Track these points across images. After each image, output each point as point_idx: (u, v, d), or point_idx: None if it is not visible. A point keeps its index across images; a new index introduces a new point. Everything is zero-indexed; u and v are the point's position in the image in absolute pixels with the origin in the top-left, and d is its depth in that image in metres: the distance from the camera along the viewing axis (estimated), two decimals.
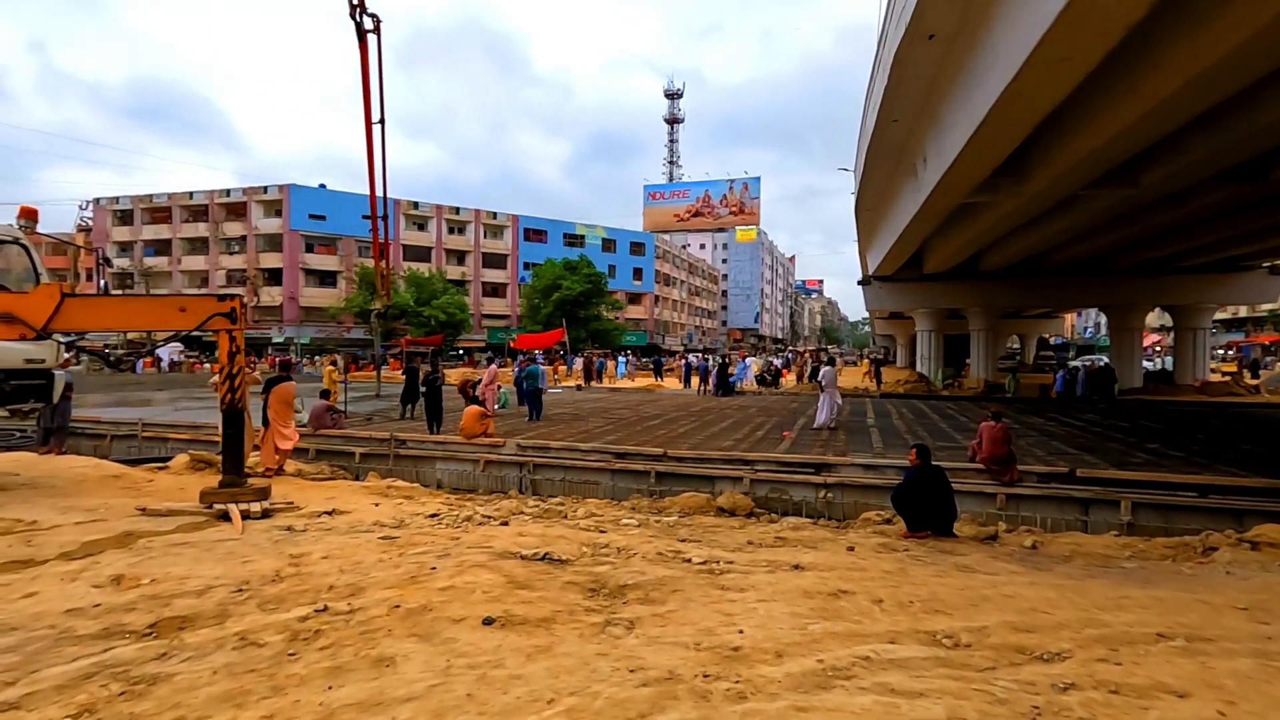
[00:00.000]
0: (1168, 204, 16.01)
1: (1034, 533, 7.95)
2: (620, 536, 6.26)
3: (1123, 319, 28.73)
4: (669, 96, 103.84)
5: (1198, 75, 8.16)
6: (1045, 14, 7.31)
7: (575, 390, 28.27)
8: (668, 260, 77.21)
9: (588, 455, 11.37)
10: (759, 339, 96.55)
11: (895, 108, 13.29)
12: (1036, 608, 4.71)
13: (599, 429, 14.20)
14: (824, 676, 3.29)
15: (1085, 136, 11.00)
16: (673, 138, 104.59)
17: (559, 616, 3.98)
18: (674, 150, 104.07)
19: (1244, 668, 3.62)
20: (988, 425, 9.46)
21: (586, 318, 49.50)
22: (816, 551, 6.10)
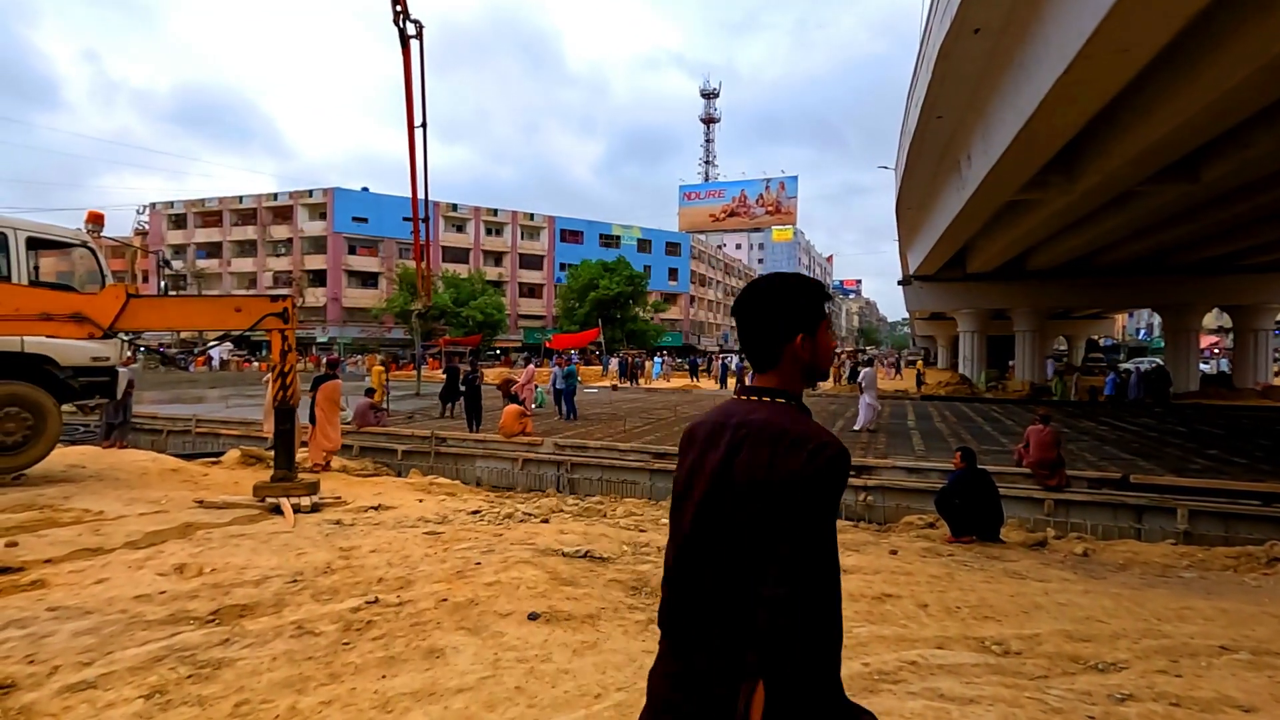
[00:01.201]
0: (1230, 199, 15.38)
1: (1085, 540, 7.71)
2: (660, 536, 6.27)
3: (1178, 319, 27.62)
4: (705, 96, 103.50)
5: (1267, 63, 7.82)
6: (1101, 3, 7.09)
7: (611, 390, 28.38)
8: (703, 260, 76.97)
9: (626, 455, 11.41)
10: None
11: (939, 103, 13.03)
12: (1092, 616, 4.58)
13: (637, 429, 14.24)
14: (871, 680, 3.26)
15: (1142, 130, 10.63)
16: (708, 137, 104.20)
17: (604, 613, 4.02)
18: (709, 150, 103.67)
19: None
20: (1035, 429, 9.20)
21: (624, 318, 49.65)
22: (859, 554, 6.03)
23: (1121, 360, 43.12)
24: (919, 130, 14.58)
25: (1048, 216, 17.12)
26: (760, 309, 1.41)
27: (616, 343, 46.19)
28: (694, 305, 73.92)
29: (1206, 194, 14.76)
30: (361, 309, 53.85)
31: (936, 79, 11.80)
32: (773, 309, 1.40)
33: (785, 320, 1.38)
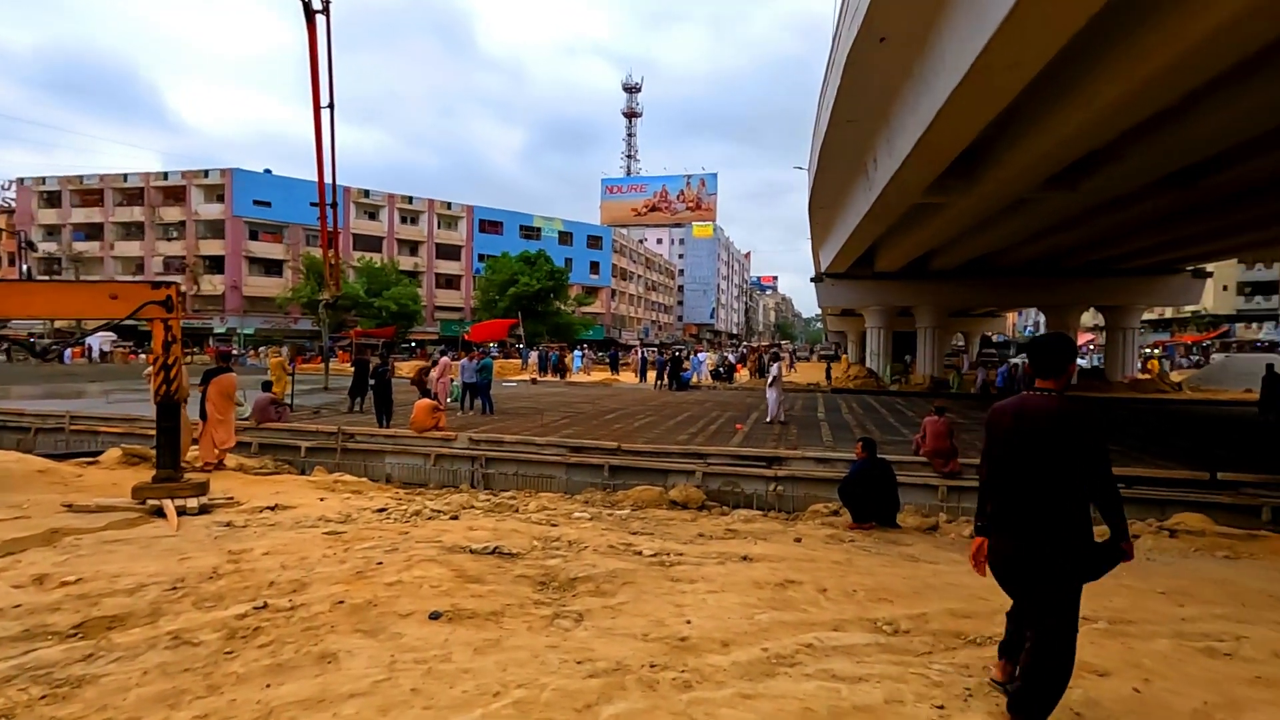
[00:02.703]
0: (1109, 209, 16.74)
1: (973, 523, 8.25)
2: (572, 530, 6.25)
3: (1061, 318, 29.99)
4: (627, 90, 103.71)
5: (1135, 86, 8.55)
6: (990, 22, 7.54)
7: (531, 384, 28.05)
8: (625, 255, 77.16)
9: (543, 449, 11.29)
10: (715, 334, 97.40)
11: (849, 108, 13.53)
12: (976, 594, 4.88)
13: (556, 423, 14.13)
14: (770, 664, 3.36)
15: (1031, 141, 11.41)
16: (630, 132, 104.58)
17: (509, 610, 3.96)
18: (632, 144, 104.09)
19: (1162, 648, 3.84)
20: (931, 420, 9.75)
21: (545, 313, 49.13)
22: (766, 543, 6.21)
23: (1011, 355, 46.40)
24: (830, 133, 15.09)
25: (949, 220, 18.14)
26: (1057, 348, 2.85)
27: (538, 336, 45.67)
28: (616, 299, 74.07)
29: (1089, 203, 16.02)
30: (265, 298, 50.86)
31: (845, 85, 12.23)
32: (1064, 349, 2.85)
33: (1068, 357, 2.83)
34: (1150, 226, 19.08)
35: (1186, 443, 12.56)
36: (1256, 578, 5.56)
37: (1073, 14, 7.14)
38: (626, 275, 77.57)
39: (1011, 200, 15.64)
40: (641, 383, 29.23)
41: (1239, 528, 7.67)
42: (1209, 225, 18.30)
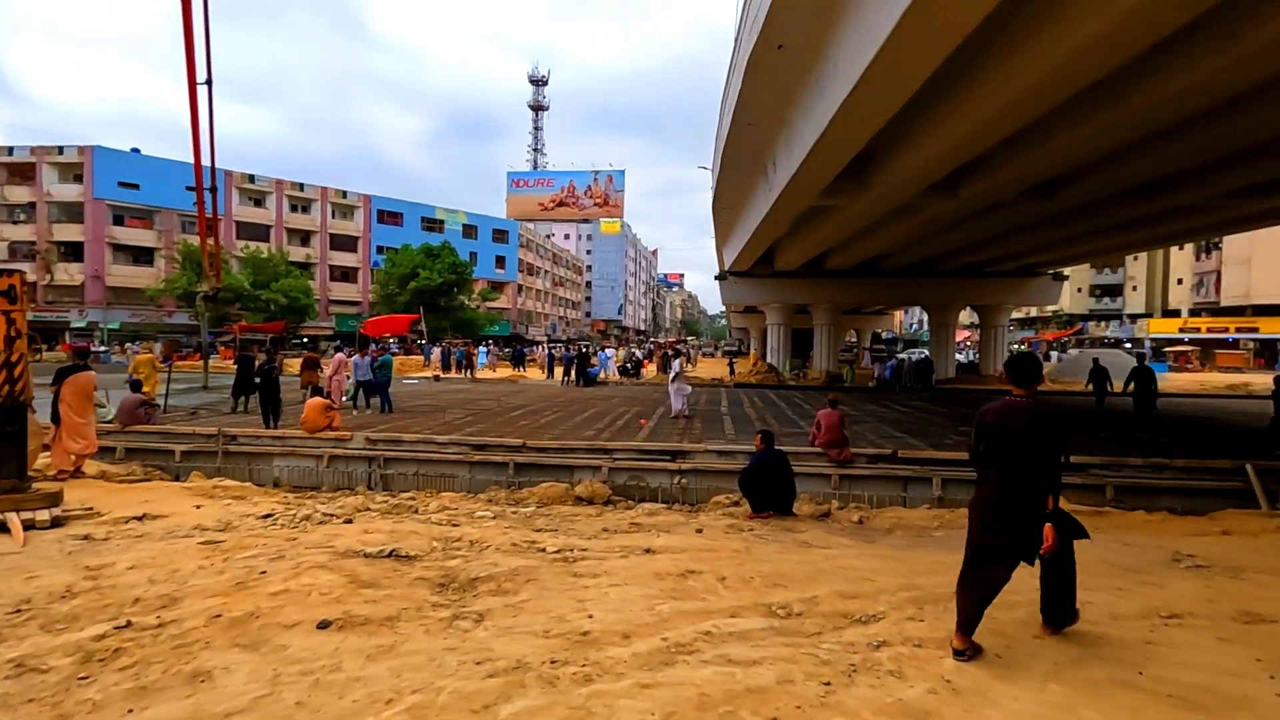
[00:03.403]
0: (983, 215, 18.15)
1: (862, 509, 8.75)
2: (474, 529, 6.12)
3: (941, 316, 32.28)
4: (534, 83, 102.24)
5: (1006, 102, 9.31)
6: (878, 34, 7.98)
7: (433, 381, 27.18)
8: (532, 249, 76.14)
9: (445, 448, 10.98)
10: (622, 330, 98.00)
11: (749, 111, 13.95)
12: (863, 576, 5.19)
13: (459, 420, 13.76)
14: (669, 653, 3.43)
15: (915, 150, 12.20)
16: (537, 125, 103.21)
17: (405, 614, 3.83)
18: (538, 138, 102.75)
19: (1023, 617, 4.21)
20: (825, 412, 10.25)
21: (449, 307, 47.65)
22: (669, 535, 6.32)
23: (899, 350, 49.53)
24: (731, 135, 15.52)
25: (843, 222, 19.09)
26: (1031, 367, 3.73)
27: (441, 332, 44.27)
28: (522, 294, 72.99)
29: (963, 210, 17.32)
30: (133, 289, 46.43)
31: (746, 89, 12.61)
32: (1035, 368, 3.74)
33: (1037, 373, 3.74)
34: (1017, 232, 20.87)
35: None
36: (1100, 548, 6.20)
37: (950, 33, 7.67)
38: (533, 270, 76.59)
39: (898, 205, 16.63)
40: (549, 379, 28.98)
41: (1087, 505, 8.53)
42: (1065, 232, 20.22)
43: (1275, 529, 7.23)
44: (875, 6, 7.92)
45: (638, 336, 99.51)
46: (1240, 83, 8.85)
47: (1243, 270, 47.15)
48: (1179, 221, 18.83)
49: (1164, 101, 9.29)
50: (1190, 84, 8.58)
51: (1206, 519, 7.97)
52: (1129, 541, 6.41)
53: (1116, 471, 9.38)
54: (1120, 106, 9.56)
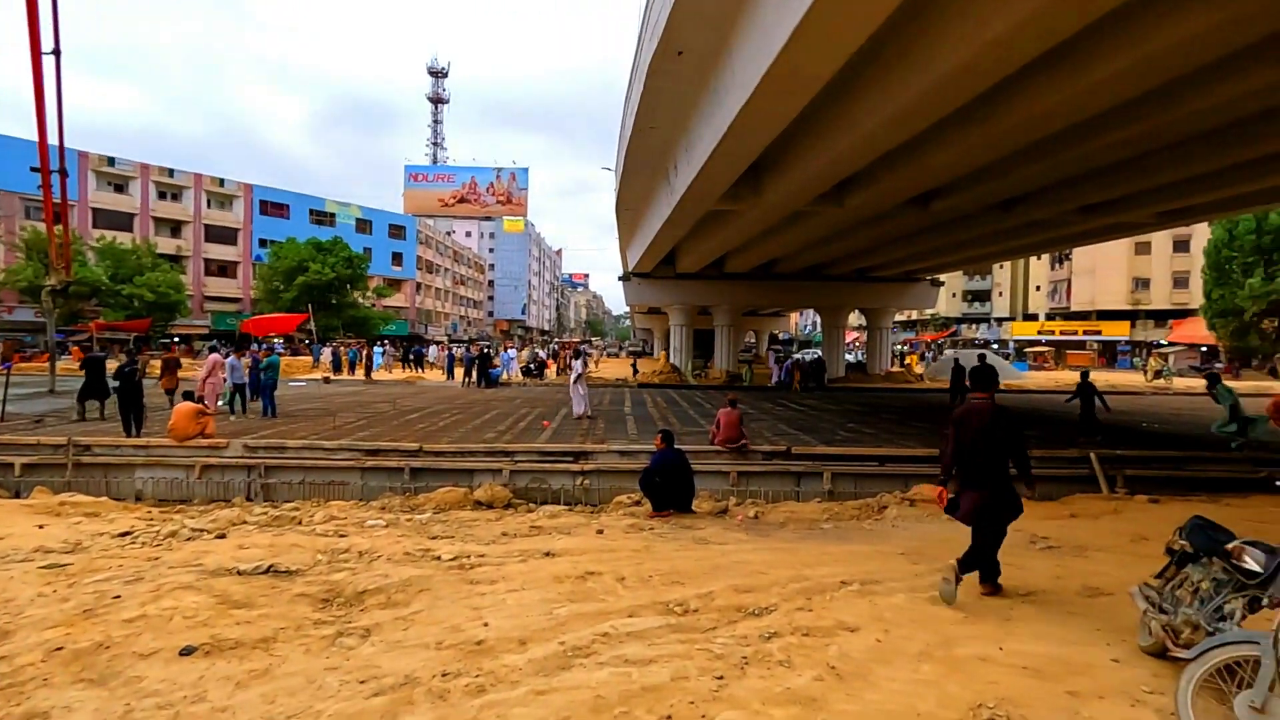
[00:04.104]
0: (868, 224, 19.24)
1: (758, 504, 9.05)
2: (364, 539, 5.82)
3: (833, 319, 34.00)
4: (433, 74, 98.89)
5: (886, 119, 9.90)
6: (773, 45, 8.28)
7: (323, 383, 25.70)
8: (431, 246, 73.53)
9: (334, 454, 10.41)
10: (526, 330, 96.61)
11: (651, 115, 14.12)
12: (757, 570, 5.36)
13: (350, 425, 13.08)
14: (565, 657, 3.40)
15: (806, 160, 12.76)
16: (437, 118, 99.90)
17: (282, 634, 3.58)
18: (438, 131, 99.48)
19: (900, 602, 4.50)
20: (725, 411, 10.55)
21: (341, 305, 45.12)
22: (570, 537, 6.28)
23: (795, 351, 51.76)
24: (634, 138, 15.64)
25: (740, 226, 19.69)
26: (990, 375, 4.90)
27: (332, 331, 41.93)
28: (421, 293, 70.39)
29: (850, 218, 18.29)
30: None
31: (648, 93, 12.74)
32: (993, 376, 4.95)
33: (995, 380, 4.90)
34: (898, 241, 22.30)
35: (926, 425, 14.86)
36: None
37: (838, 50, 8.09)
38: (433, 268, 74.03)
39: (791, 212, 17.36)
40: (449, 380, 28.11)
41: None
42: (940, 241, 21.81)
43: (1113, 510, 8.11)
44: (771, 20, 8.21)
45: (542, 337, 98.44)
46: (1082, 111, 9.85)
47: (1089, 279, 52.71)
48: (1036, 234, 20.76)
49: (1020, 126, 10.21)
50: (1041, 111, 9.48)
51: (1058, 503, 8.81)
52: None
53: None
54: (983, 129, 10.42)
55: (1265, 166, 12.89)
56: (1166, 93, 9.30)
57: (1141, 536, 6.30)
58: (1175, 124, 10.55)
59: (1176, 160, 12.57)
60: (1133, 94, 9.18)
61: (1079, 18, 7.01)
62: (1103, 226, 19.46)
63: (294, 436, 11.27)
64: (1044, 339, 54.45)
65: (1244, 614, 3.13)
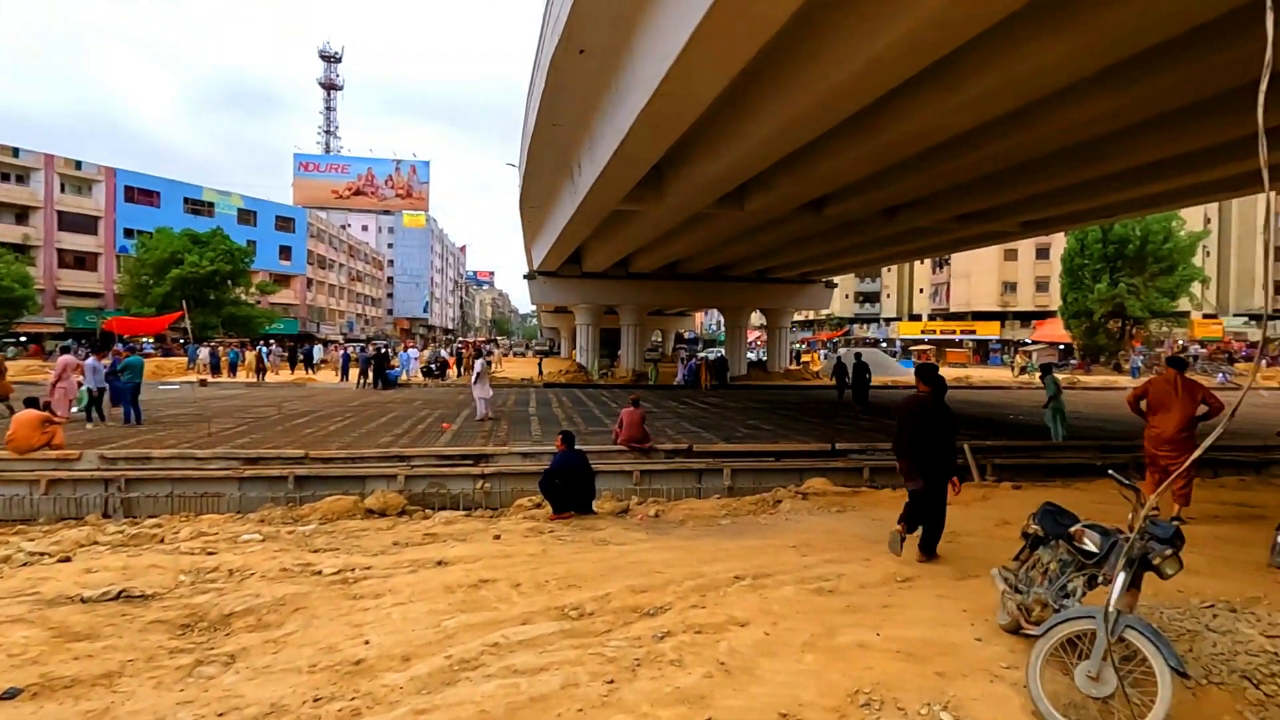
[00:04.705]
0: (767, 227, 19.89)
1: (659, 503, 9.14)
2: (236, 556, 5.40)
3: (735, 319, 34.97)
4: (325, 59, 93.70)
5: (780, 126, 10.25)
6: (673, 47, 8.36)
7: (199, 386, 23.78)
8: (324, 240, 69.59)
9: (207, 463, 9.61)
10: (428, 329, 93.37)
11: (554, 112, 13.95)
12: (654, 569, 5.39)
13: (228, 431, 12.16)
14: (451, 672, 3.27)
15: (706, 163, 13.01)
16: (330, 105, 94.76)
17: (130, 667, 3.25)
18: (331, 119, 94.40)
19: (788, 594, 4.65)
20: (628, 411, 10.59)
21: (220, 301, 41.78)
22: (465, 544, 6.09)
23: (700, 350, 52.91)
24: (537, 134, 15.41)
25: (645, 227, 19.85)
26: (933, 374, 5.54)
27: (210, 330, 38.83)
28: (313, 289, 66.52)
29: (750, 221, 18.85)
30: None
31: (549, 89, 12.58)
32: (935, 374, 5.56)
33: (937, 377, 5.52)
34: (795, 244, 23.22)
35: (820, 421, 15.54)
36: (855, 525, 7.09)
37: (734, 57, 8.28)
38: (326, 263, 70.10)
39: (694, 214, 17.67)
40: (343, 382, 26.72)
41: (849, 486, 9.72)
42: (833, 245, 22.90)
43: (983, 497, 8.76)
44: (669, 22, 8.29)
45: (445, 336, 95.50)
46: (956, 127, 10.59)
47: (965, 283, 57.04)
48: (918, 240, 22.20)
49: (902, 138, 10.85)
50: (920, 125, 10.12)
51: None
52: (876, 517, 7.37)
53: (870, 456, 10.78)
54: (869, 139, 11.01)
55: (1108, 184, 14.36)
56: (1028, 113, 10.15)
57: (1005, 521, 6.84)
58: (1035, 142, 11.54)
59: (1036, 175, 13.77)
60: (998, 113, 9.96)
61: (948, 40, 7.54)
62: (976, 234, 21.06)
63: (161, 445, 10.37)
64: (926, 338, 58.38)
65: (1084, 591, 3.44)
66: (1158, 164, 12.84)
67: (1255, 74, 2.59)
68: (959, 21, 7.08)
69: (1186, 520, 6.75)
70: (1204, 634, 3.64)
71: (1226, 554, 5.69)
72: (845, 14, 7.65)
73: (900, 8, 6.85)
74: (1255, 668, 3.27)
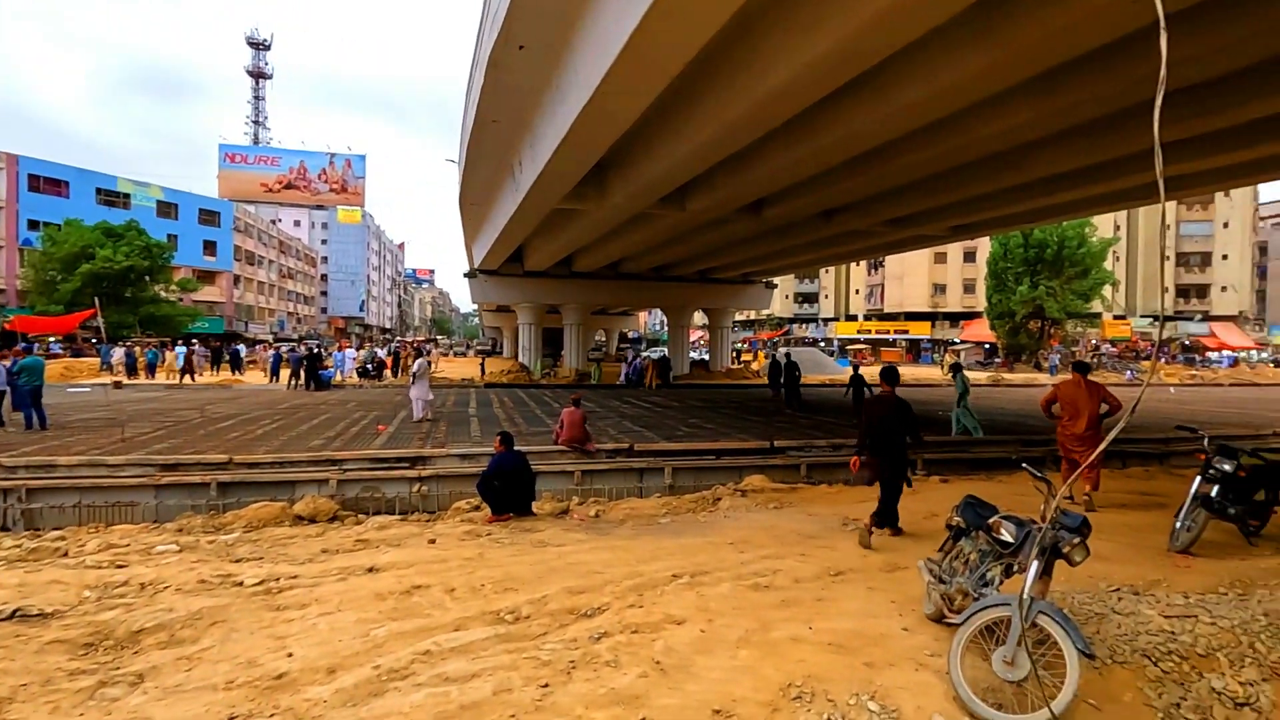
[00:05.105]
0: (709, 227, 20.10)
1: (600, 502, 9.12)
2: (149, 569, 5.09)
3: (678, 318, 35.24)
4: (253, 46, 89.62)
5: (719, 130, 10.36)
6: (612, 47, 8.34)
7: (112, 388, 22.37)
8: (252, 235, 66.50)
9: (119, 470, 9.05)
10: (365, 328, 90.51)
11: (494, 109, 13.73)
12: (593, 570, 5.36)
13: (145, 436, 11.48)
14: (379, 682, 3.17)
15: (648, 163, 13.04)
16: (258, 94, 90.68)
17: (23, 692, 3.01)
18: (259, 109, 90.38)
19: (725, 591, 4.70)
20: (569, 411, 10.52)
21: (138, 299, 39.35)
22: (399, 549, 5.92)
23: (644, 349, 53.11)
24: (476, 130, 15.13)
25: (588, 226, 19.75)
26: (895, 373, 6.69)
27: (126, 329, 36.61)
28: (241, 286, 63.53)
29: (692, 221, 19.01)
30: None
31: (489, 85, 12.36)
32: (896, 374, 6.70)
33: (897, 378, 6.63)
34: (736, 245, 23.57)
35: (760, 419, 15.81)
36: (792, 521, 7.24)
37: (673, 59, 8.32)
38: (255, 259, 67.00)
39: (636, 213, 17.70)
40: (273, 383, 25.62)
41: (786, 483, 9.92)
42: (772, 247, 23.34)
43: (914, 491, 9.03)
44: (611, 19, 8.26)
45: (383, 335, 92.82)
46: (888, 133, 10.95)
47: (899, 284, 59.12)
48: (854, 242, 22.86)
49: (837, 143, 11.13)
50: (854, 130, 10.41)
51: (870, 487, 9.72)
52: (812, 512, 7.55)
53: (808, 453, 11.04)
54: (807, 143, 11.27)
55: (1029, 191, 15.12)
56: (953, 122, 10.58)
57: (932, 513, 7.10)
58: (960, 150, 12.03)
59: (963, 182, 14.39)
60: (926, 121, 10.35)
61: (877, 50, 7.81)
62: (907, 237, 21.83)
63: (69, 452, 9.70)
64: (862, 338, 60.25)
65: (1002, 579, 3.60)
66: (1072, 173, 13.60)
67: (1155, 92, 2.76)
68: (886, 33, 7.33)
69: (1097, 508, 7.25)
70: (1110, 616, 3.86)
71: (1132, 540, 6.07)
72: (781, 20, 7.81)
73: (833, 14, 7.03)
74: (1154, 646, 3.49)
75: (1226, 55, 8.00)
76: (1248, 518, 5.84)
